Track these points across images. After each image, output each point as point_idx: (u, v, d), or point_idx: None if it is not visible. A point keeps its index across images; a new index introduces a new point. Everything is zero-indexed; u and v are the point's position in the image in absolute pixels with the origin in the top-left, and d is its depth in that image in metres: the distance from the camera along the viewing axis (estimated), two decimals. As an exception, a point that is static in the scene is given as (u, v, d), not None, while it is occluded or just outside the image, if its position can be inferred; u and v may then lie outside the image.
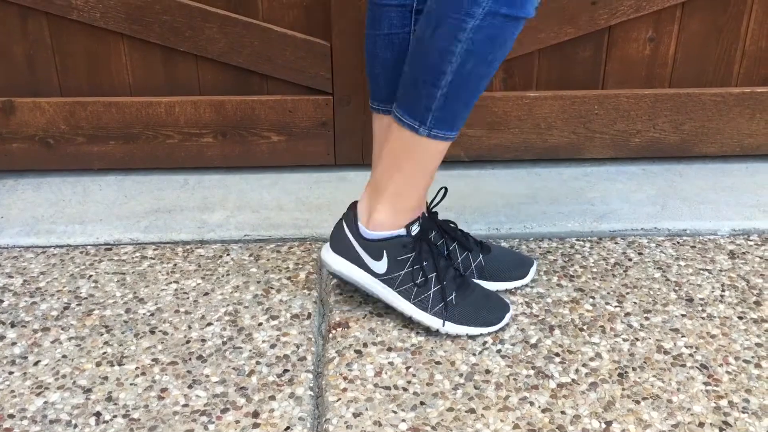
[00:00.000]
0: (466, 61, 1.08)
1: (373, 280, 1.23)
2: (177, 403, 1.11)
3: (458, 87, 1.10)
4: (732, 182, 1.71)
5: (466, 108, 1.14)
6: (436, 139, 1.14)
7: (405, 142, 1.16)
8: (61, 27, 1.61)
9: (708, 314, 1.29)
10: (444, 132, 1.14)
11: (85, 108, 1.66)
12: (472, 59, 1.08)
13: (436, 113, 1.12)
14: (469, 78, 1.10)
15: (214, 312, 1.30)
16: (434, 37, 1.08)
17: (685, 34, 1.68)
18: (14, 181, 1.72)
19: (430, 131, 1.13)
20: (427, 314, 1.22)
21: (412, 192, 1.20)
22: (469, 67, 1.08)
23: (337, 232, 1.25)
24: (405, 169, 1.18)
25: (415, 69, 1.12)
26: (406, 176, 1.18)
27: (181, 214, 1.59)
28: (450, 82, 1.09)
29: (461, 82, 1.10)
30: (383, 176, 1.20)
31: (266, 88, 1.69)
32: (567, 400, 1.11)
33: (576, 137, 1.75)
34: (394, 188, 1.19)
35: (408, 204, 1.20)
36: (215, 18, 1.60)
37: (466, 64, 1.08)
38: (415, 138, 1.14)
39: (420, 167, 1.18)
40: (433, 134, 1.13)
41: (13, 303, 1.32)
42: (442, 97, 1.11)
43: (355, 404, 1.10)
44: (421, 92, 1.11)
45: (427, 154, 1.17)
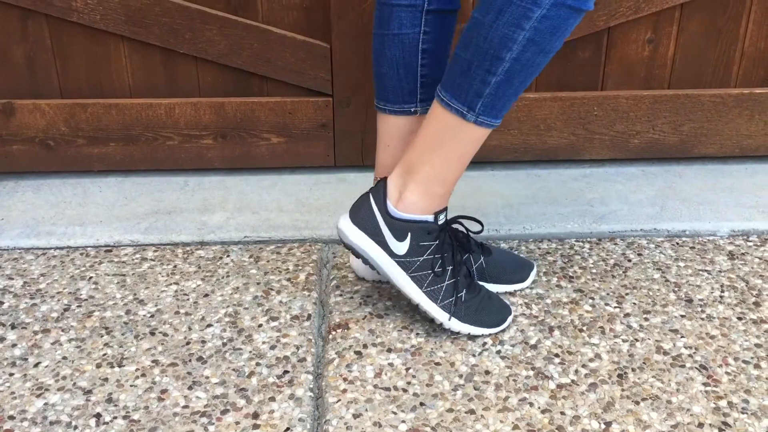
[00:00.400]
0: (526, 50, 1.08)
1: (389, 260, 1.22)
2: (177, 404, 1.11)
3: (513, 75, 1.10)
4: (731, 183, 1.71)
5: (515, 96, 1.14)
6: (482, 126, 1.14)
7: (449, 126, 1.15)
8: (61, 29, 1.61)
9: (707, 315, 1.30)
10: (490, 119, 1.14)
11: (85, 110, 1.67)
12: (533, 48, 1.08)
13: (487, 100, 1.12)
14: (526, 67, 1.10)
15: (214, 313, 1.30)
16: (497, 24, 1.08)
17: (684, 35, 1.69)
18: (14, 182, 1.72)
19: (478, 117, 1.13)
20: (436, 305, 1.22)
21: (448, 177, 1.20)
22: (528, 56, 1.08)
23: (362, 205, 1.23)
24: (445, 153, 1.17)
25: (470, 54, 1.11)
26: (445, 161, 1.18)
27: (181, 216, 1.59)
28: (507, 69, 1.09)
29: (518, 70, 1.10)
30: (421, 158, 1.18)
31: (266, 89, 1.70)
32: (566, 401, 1.11)
33: (575, 138, 1.75)
34: (430, 171, 1.18)
35: (441, 189, 1.20)
36: (215, 20, 1.60)
37: (526, 53, 1.08)
38: (462, 123, 1.14)
39: (460, 153, 1.18)
40: (480, 120, 1.13)
41: (14, 304, 1.33)
42: (496, 84, 1.10)
43: (355, 405, 1.10)
44: (475, 78, 1.11)
45: (470, 140, 1.16)
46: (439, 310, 1.22)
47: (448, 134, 1.16)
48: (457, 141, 1.16)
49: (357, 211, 1.23)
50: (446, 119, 1.15)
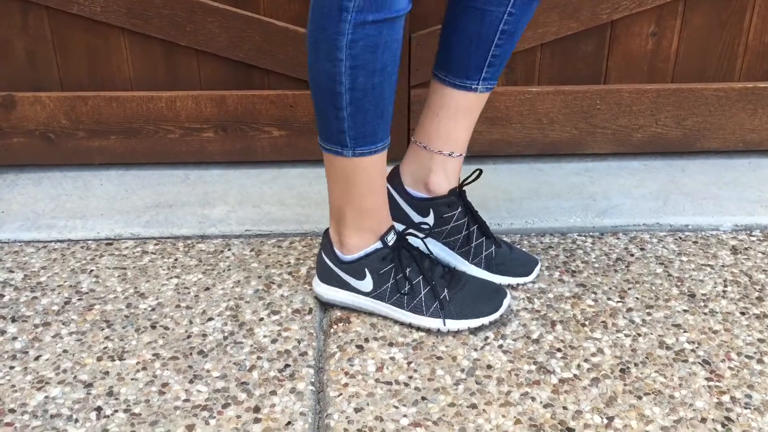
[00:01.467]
0: (355, 77, 1.06)
1: (365, 299, 1.24)
2: (178, 398, 1.10)
3: (360, 102, 1.09)
4: (734, 177, 1.71)
5: (380, 117, 1.12)
6: (365, 155, 1.14)
7: (339, 166, 1.16)
8: (61, 21, 1.60)
9: (710, 310, 1.29)
10: (369, 147, 1.13)
11: (85, 102, 1.66)
12: (361, 72, 1.06)
13: (351, 132, 1.11)
14: (369, 90, 1.08)
15: (215, 307, 1.29)
16: (318, 62, 1.07)
17: (687, 28, 1.68)
18: (15, 175, 1.71)
19: (354, 150, 1.13)
20: (425, 317, 1.22)
21: (372, 208, 1.20)
22: (361, 81, 1.07)
23: (320, 262, 1.27)
24: (354, 191, 1.17)
25: (316, 97, 1.12)
26: (358, 197, 1.18)
27: (182, 209, 1.58)
28: (350, 101, 1.08)
29: (360, 97, 1.08)
30: (337, 202, 1.20)
31: (267, 82, 1.69)
32: (569, 396, 1.11)
33: (578, 132, 1.74)
34: (352, 211, 1.19)
35: (372, 221, 1.20)
36: (216, 12, 1.59)
37: (357, 79, 1.06)
38: (346, 160, 1.14)
39: (365, 185, 1.17)
40: (358, 152, 1.13)
41: (14, 297, 1.32)
42: (349, 116, 1.10)
43: (356, 399, 1.10)
44: (329, 118, 1.11)
45: (365, 172, 1.16)
46: (430, 320, 1.22)
47: (343, 174, 1.16)
48: (355, 177, 1.16)
49: (319, 268, 1.27)
50: (333, 161, 1.16)
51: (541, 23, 1.63)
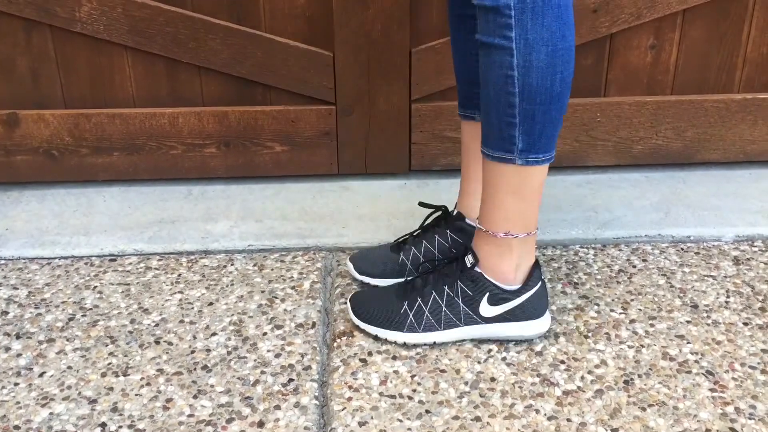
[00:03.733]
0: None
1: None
2: (182, 413, 1.11)
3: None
4: (735, 188, 1.71)
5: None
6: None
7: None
8: (65, 40, 1.62)
9: (713, 320, 1.29)
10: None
11: (89, 120, 1.67)
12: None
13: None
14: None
15: (219, 322, 1.30)
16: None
17: (686, 41, 1.69)
18: (19, 192, 1.72)
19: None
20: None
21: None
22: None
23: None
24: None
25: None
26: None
27: (185, 225, 1.59)
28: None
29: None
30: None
31: (269, 98, 1.70)
32: (573, 408, 1.11)
33: (579, 145, 1.75)
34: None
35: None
36: (218, 29, 1.61)
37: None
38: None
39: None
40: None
41: (18, 314, 1.33)
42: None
43: (360, 413, 1.10)
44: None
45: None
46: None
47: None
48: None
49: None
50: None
51: (541, 37, 1.64)
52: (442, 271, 1.23)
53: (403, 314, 1.22)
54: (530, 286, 1.19)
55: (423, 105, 1.70)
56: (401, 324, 1.22)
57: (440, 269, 1.24)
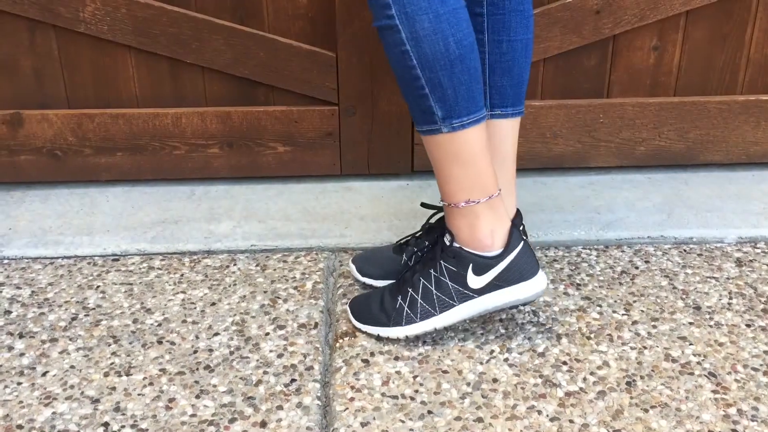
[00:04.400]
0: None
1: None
2: (185, 413, 1.11)
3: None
4: (738, 190, 1.71)
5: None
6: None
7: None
8: (68, 40, 1.62)
9: (716, 322, 1.29)
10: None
11: (92, 120, 1.68)
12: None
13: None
14: None
15: (221, 322, 1.30)
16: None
17: (689, 42, 1.69)
18: (22, 192, 1.73)
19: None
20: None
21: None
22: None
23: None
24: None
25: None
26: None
27: (188, 225, 1.59)
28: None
29: None
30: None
31: (272, 98, 1.70)
32: (575, 409, 1.11)
33: (581, 146, 1.75)
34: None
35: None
36: (221, 30, 1.61)
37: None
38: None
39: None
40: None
41: (21, 314, 1.33)
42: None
43: (362, 413, 1.10)
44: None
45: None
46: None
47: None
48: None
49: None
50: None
51: (544, 38, 1.64)
52: (426, 257, 1.24)
53: (398, 309, 1.22)
54: (511, 248, 1.18)
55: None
56: (399, 318, 1.22)
57: (424, 256, 1.24)
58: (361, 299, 1.29)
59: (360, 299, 1.29)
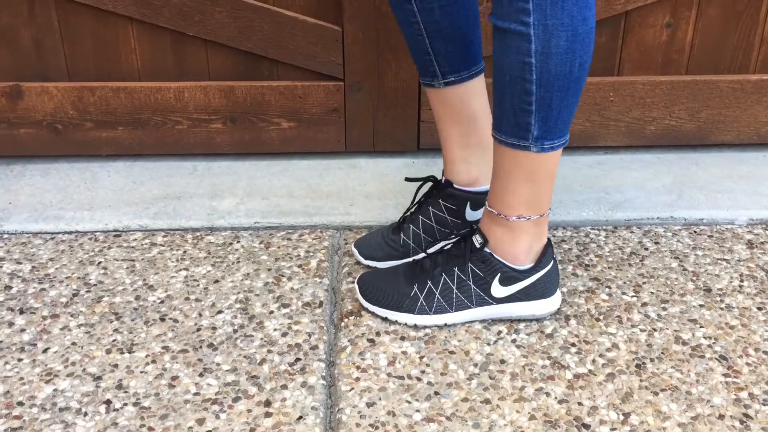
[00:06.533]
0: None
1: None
2: (188, 391, 1.09)
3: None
4: (749, 171, 1.68)
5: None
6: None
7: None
8: (69, 10, 1.59)
9: (726, 305, 1.27)
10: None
11: (93, 93, 1.65)
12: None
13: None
14: None
15: (225, 300, 1.28)
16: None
17: (703, 19, 1.65)
18: (22, 166, 1.70)
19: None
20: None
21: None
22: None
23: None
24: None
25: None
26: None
27: (190, 201, 1.57)
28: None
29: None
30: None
31: (276, 73, 1.67)
32: (584, 391, 1.09)
33: (590, 125, 1.72)
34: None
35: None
36: (225, 2, 1.57)
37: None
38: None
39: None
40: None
41: (22, 289, 1.31)
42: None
43: (368, 394, 1.09)
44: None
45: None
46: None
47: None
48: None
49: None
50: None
51: (555, 14, 1.61)
52: (451, 252, 1.20)
53: (413, 297, 1.20)
54: (542, 265, 1.17)
55: (433, 82, 1.66)
56: (412, 306, 1.20)
57: (448, 250, 1.21)
58: (370, 278, 1.26)
59: (369, 278, 1.26)
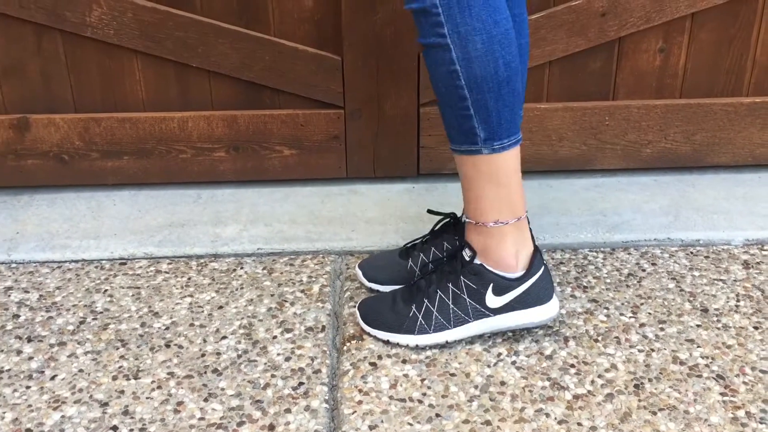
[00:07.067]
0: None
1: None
2: (193, 416, 1.11)
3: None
4: (745, 192, 1.71)
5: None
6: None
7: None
8: (75, 44, 1.63)
9: (723, 324, 1.29)
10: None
11: (99, 124, 1.68)
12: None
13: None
14: None
15: (229, 325, 1.30)
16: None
17: (695, 44, 1.69)
18: (29, 196, 1.73)
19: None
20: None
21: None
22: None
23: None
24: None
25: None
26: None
27: (194, 229, 1.60)
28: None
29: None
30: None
31: (278, 102, 1.71)
32: (583, 412, 1.11)
33: (587, 148, 1.75)
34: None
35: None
36: (227, 34, 1.61)
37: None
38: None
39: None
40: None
41: (30, 318, 1.33)
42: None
43: (370, 417, 1.10)
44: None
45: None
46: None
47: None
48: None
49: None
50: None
51: (549, 41, 1.64)
52: (444, 269, 1.23)
53: (412, 317, 1.22)
54: (533, 271, 1.20)
55: (432, 109, 1.70)
56: (411, 327, 1.22)
57: (441, 267, 1.24)
58: (370, 302, 1.28)
59: (369, 302, 1.29)
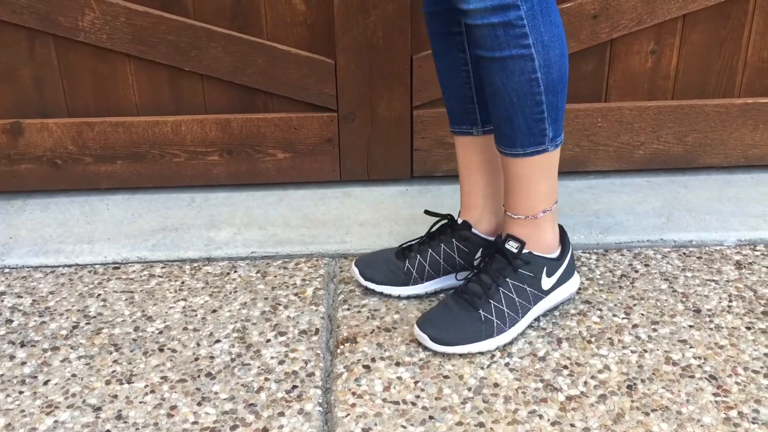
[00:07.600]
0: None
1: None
2: (186, 420, 1.11)
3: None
4: (737, 193, 1.71)
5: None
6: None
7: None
8: (68, 49, 1.63)
9: (716, 325, 1.29)
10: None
11: (92, 128, 1.68)
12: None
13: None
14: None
15: (222, 329, 1.30)
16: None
17: (686, 46, 1.69)
18: (23, 201, 1.73)
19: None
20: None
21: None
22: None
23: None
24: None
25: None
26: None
27: (188, 232, 1.60)
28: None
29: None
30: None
31: (271, 105, 1.71)
32: (576, 413, 1.11)
33: (580, 150, 1.76)
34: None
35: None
36: (220, 37, 1.61)
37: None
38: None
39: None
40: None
41: (23, 323, 1.33)
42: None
43: (364, 419, 1.10)
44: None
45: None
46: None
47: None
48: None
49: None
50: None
51: (542, 43, 1.65)
52: (494, 267, 1.24)
53: (486, 321, 1.22)
54: (567, 245, 1.28)
55: (425, 111, 1.70)
56: (490, 331, 1.22)
57: (489, 268, 1.25)
58: (434, 322, 1.22)
59: (433, 322, 1.22)
